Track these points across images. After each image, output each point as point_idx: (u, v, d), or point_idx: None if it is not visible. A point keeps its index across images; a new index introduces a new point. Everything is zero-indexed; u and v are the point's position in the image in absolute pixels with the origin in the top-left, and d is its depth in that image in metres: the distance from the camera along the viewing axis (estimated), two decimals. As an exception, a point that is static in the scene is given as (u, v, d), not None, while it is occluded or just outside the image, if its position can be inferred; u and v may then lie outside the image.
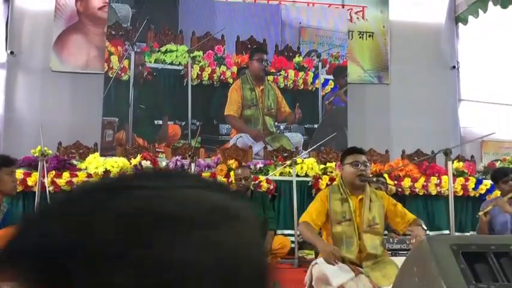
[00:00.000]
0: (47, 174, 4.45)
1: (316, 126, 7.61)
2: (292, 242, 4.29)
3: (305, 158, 5.51)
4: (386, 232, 4.49)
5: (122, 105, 7.17)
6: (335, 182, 3.20)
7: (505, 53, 8.61)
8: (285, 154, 6.09)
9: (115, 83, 7.16)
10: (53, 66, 7.51)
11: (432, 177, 4.96)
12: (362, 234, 2.96)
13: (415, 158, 5.84)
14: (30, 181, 4.41)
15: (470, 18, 8.16)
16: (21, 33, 7.57)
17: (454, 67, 8.45)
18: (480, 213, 3.75)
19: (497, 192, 4.37)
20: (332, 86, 7.71)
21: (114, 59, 7.19)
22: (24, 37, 7.58)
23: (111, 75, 7.15)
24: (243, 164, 5.00)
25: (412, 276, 1.77)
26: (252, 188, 4.54)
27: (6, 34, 7.50)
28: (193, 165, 3.45)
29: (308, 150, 5.12)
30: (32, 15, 7.62)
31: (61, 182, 4.52)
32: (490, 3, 7.44)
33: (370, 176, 3.19)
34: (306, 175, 4.89)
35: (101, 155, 5.83)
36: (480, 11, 7.76)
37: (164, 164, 4.97)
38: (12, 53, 7.43)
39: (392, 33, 8.41)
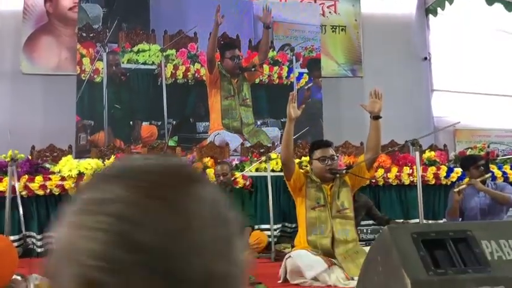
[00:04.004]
0: (19, 178, 4.41)
1: (293, 120, 7.64)
2: (269, 236, 4.32)
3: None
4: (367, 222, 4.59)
5: (96, 107, 7.09)
6: (301, 172, 3.26)
7: (476, 43, 8.79)
8: (262, 150, 6.12)
9: (88, 86, 7.05)
10: (24, 69, 7.37)
11: (405, 167, 5.05)
12: (332, 220, 3.05)
13: (390, 149, 5.95)
14: (1, 186, 4.33)
15: (440, 9, 8.30)
16: (-11, 35, 7.42)
17: (425, 58, 8.59)
18: (455, 190, 3.80)
19: (467, 179, 4.48)
20: (306, 79, 7.76)
21: (86, 61, 7.09)
22: (-8, 39, 7.43)
23: (83, 78, 7.05)
24: (223, 160, 5.03)
25: (377, 265, 1.82)
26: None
27: (-27, 37, 7.34)
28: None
29: (276, 147, 5.18)
30: (-1, 16, 7.47)
31: (34, 186, 4.46)
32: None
33: (339, 168, 3.25)
34: (282, 170, 4.92)
35: (76, 158, 5.79)
36: (447, 3, 7.90)
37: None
38: (-20, 56, 7.28)
39: (365, 27, 8.50)
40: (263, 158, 4.57)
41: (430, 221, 5.17)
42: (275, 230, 4.83)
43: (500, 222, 2.76)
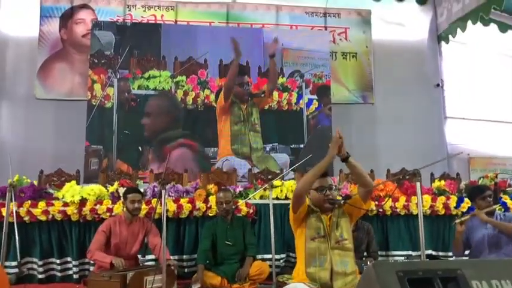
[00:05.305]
0: (23, 204, 4.43)
1: (302, 146, 7.60)
2: (271, 266, 4.20)
3: (289, 180, 5.49)
4: (365, 254, 4.46)
5: (106, 132, 7.16)
6: (307, 203, 3.17)
7: (489, 69, 8.69)
8: (270, 176, 6.04)
9: (99, 111, 7.16)
10: (37, 94, 7.52)
11: (413, 197, 4.91)
12: (331, 252, 2.94)
13: (401, 177, 5.82)
14: (4, 212, 4.34)
15: (451, 36, 8.25)
16: (5, 61, 7.62)
17: (438, 85, 8.49)
18: (457, 221, 3.68)
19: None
20: (316, 106, 7.74)
21: (97, 87, 7.21)
22: (8, 65, 7.62)
23: (94, 104, 7.15)
24: (226, 187, 4.95)
25: (363, 305, 1.73)
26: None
27: (-10, 63, 7.54)
28: (163, 192, 3.39)
29: (284, 173, 5.11)
30: (15, 43, 7.67)
31: (37, 211, 4.46)
32: (469, 22, 7.51)
33: (338, 198, 3.16)
34: (287, 198, 4.84)
35: (86, 183, 5.82)
36: (459, 30, 7.84)
37: (142, 190, 4.91)
38: (-4, 81, 7.46)
39: (376, 53, 8.48)
40: (266, 186, 4.49)
41: (440, 253, 5.02)
42: (279, 259, 4.74)
43: (493, 260, 2.63)
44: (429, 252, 4.91)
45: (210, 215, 4.72)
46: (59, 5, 7.80)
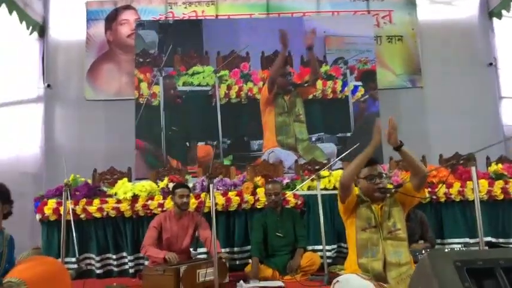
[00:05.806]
0: (79, 202, 4.61)
1: (349, 134, 7.45)
2: (322, 257, 4.15)
3: (337, 169, 5.41)
4: (422, 241, 4.32)
5: (154, 130, 7.32)
6: (356, 192, 3.09)
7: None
8: (317, 167, 5.97)
9: (146, 109, 7.33)
10: (87, 96, 7.79)
11: (468, 182, 4.71)
12: (383, 242, 2.86)
13: (454, 163, 5.60)
14: (62, 210, 4.53)
15: (505, 11, 7.80)
16: (56, 66, 7.91)
17: (491, 64, 8.07)
18: None
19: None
20: (362, 92, 7.56)
21: (144, 85, 7.38)
22: (59, 69, 7.91)
23: (141, 102, 7.33)
24: (273, 179, 4.94)
25: (419, 296, 1.66)
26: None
27: (42, 68, 7.86)
28: (211, 185, 3.41)
29: (331, 162, 5.02)
30: (65, 48, 7.95)
31: (92, 209, 4.63)
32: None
33: (389, 187, 3.05)
34: (335, 188, 4.77)
35: (137, 180, 5.99)
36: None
37: (191, 184, 4.99)
38: (49, 86, 7.77)
39: (423, 35, 8.17)
40: (313, 176, 4.43)
41: (500, 240, 4.79)
42: (330, 250, 4.68)
43: None
44: (488, 239, 4.70)
45: (258, 207, 4.73)
46: (104, 8, 8.03)
